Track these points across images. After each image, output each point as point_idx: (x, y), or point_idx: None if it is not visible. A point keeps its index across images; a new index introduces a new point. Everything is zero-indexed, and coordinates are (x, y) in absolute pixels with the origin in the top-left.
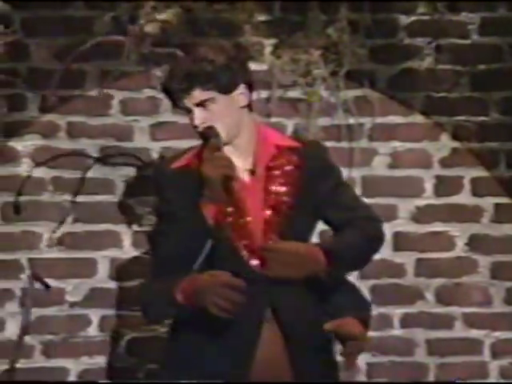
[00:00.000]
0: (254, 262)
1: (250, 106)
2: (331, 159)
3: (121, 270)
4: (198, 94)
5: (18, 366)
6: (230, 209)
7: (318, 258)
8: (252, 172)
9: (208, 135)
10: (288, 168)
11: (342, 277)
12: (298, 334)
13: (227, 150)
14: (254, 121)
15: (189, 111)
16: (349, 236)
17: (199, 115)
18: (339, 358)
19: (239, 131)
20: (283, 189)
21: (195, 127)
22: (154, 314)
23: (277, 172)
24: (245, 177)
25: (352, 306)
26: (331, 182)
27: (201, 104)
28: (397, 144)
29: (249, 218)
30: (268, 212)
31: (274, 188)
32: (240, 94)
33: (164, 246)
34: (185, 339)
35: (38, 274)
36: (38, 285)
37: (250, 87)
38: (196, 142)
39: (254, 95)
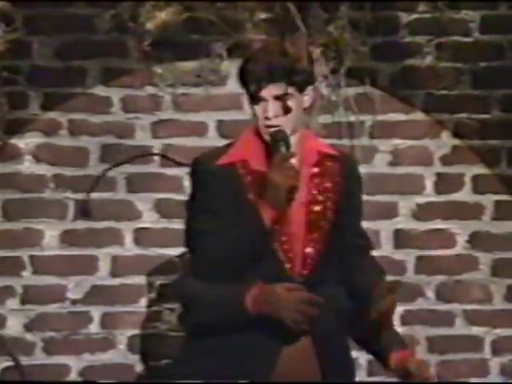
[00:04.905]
0: (290, 267)
1: (305, 109)
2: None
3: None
4: (279, 87)
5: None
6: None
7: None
8: None
9: (276, 137)
10: (331, 174)
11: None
12: (327, 334)
13: None
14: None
15: (258, 101)
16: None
17: (274, 108)
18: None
19: (295, 131)
20: (327, 194)
21: (266, 119)
22: (210, 316)
23: (321, 177)
24: None
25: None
26: (358, 198)
27: (278, 98)
28: (398, 141)
29: (291, 222)
30: (312, 217)
31: (318, 193)
32: (307, 95)
33: (213, 244)
34: (209, 338)
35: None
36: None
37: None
38: (194, 140)
39: None
